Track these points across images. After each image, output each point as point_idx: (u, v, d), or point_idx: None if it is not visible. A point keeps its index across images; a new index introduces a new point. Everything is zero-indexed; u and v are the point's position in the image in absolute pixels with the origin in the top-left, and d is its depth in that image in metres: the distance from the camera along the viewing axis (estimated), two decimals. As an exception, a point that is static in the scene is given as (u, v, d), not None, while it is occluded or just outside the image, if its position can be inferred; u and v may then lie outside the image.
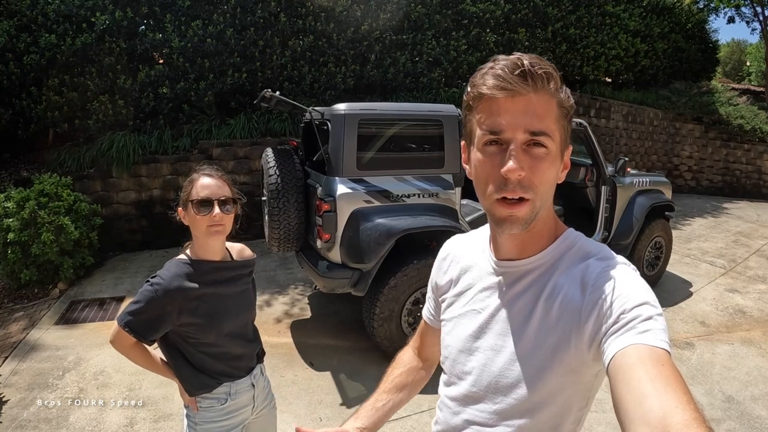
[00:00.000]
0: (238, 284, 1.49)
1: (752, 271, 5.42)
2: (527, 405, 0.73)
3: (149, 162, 5.82)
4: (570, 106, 0.71)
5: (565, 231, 0.77)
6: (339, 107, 3.07)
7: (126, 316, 1.32)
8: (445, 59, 7.41)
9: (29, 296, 4.54)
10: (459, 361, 0.84)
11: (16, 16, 5.35)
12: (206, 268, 1.40)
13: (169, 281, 1.32)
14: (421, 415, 2.75)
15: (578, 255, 0.73)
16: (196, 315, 1.35)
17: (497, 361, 0.77)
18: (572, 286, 0.70)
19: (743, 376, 3.22)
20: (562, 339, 0.69)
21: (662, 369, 0.55)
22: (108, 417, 2.74)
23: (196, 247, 1.42)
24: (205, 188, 1.36)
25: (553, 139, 0.69)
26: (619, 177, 4.31)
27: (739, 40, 31.28)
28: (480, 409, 0.79)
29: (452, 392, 0.86)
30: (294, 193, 3.16)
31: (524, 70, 0.66)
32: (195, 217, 1.35)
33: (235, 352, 1.46)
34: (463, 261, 0.90)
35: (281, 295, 4.44)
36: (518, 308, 0.76)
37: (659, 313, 0.62)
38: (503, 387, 0.75)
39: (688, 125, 10.42)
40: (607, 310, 0.64)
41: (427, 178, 3.22)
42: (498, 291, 0.80)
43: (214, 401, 1.44)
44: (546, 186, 0.70)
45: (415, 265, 3.04)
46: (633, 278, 0.67)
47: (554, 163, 0.70)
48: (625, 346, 0.59)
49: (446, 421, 0.87)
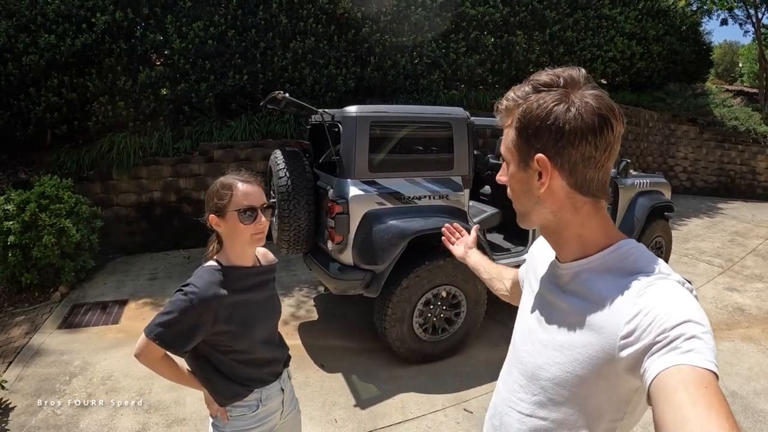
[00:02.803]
0: (266, 289, 1.48)
1: (749, 270, 5.50)
2: (560, 401, 0.77)
3: (149, 164, 5.77)
4: (516, 124, 0.78)
5: (621, 240, 0.78)
6: (350, 109, 3.07)
7: (156, 328, 1.26)
8: (445, 61, 7.44)
9: (30, 300, 4.48)
10: (518, 349, 0.90)
11: (15, 16, 5.28)
12: (238, 275, 1.37)
13: (205, 289, 1.28)
14: (436, 414, 2.76)
15: (630, 267, 0.74)
16: (231, 323, 1.32)
17: (542, 356, 0.81)
18: (616, 296, 0.70)
19: (745, 372, 3.28)
20: (596, 345, 0.71)
21: (705, 392, 0.54)
22: (119, 422, 2.71)
23: (230, 254, 1.38)
24: (248, 196, 1.33)
25: (508, 157, 0.82)
26: (620, 178, 4.36)
27: (732, 42, 31.62)
28: (521, 397, 0.85)
29: (506, 377, 0.93)
30: (304, 195, 3.15)
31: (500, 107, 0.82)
32: (238, 225, 1.31)
33: (267, 358, 1.45)
34: (541, 255, 0.95)
35: (287, 297, 4.42)
36: (565, 308, 0.80)
37: (705, 331, 0.61)
38: (542, 380, 0.80)
39: (683, 126, 10.55)
40: (648, 326, 0.63)
41: (437, 180, 3.23)
42: (553, 289, 0.85)
43: (246, 409, 1.41)
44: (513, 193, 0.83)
45: (426, 266, 3.05)
46: (679, 295, 0.66)
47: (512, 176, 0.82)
48: (668, 367, 0.58)
49: (495, 404, 0.94)
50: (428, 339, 3.24)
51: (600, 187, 0.76)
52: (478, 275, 1.35)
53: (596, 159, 0.74)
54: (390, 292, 3.04)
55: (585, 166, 0.74)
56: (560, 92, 0.73)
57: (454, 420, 2.71)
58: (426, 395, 2.94)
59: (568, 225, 0.79)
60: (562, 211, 0.77)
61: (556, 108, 0.72)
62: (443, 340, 3.29)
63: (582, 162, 0.73)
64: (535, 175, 0.76)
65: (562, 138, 0.72)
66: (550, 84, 0.74)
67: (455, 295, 3.25)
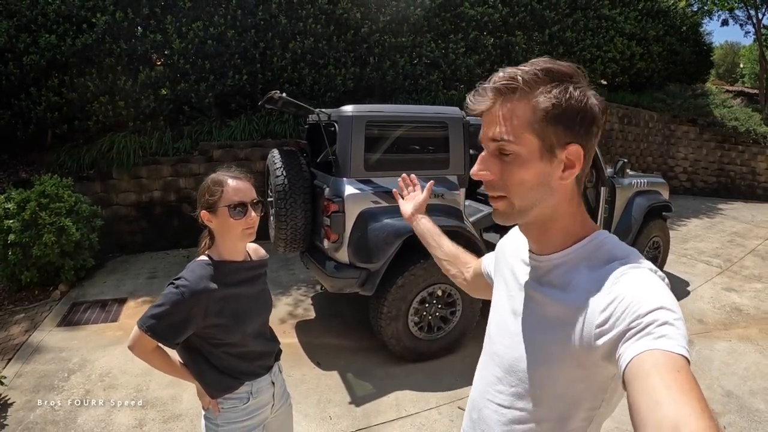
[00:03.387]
0: (257, 283, 1.51)
1: (748, 271, 5.50)
2: (538, 392, 0.78)
3: (149, 163, 5.80)
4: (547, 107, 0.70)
5: (595, 232, 0.79)
6: (347, 109, 3.09)
7: (149, 320, 1.30)
8: (444, 62, 7.46)
9: (30, 298, 4.51)
10: (493, 341, 0.91)
11: (15, 16, 5.32)
12: (229, 269, 1.40)
13: (196, 283, 1.31)
14: (430, 412, 2.78)
15: (605, 257, 0.74)
16: (222, 316, 1.35)
17: (519, 347, 0.82)
18: (592, 287, 0.71)
19: (741, 372, 3.29)
20: (573, 334, 0.72)
21: (678, 376, 0.55)
22: (116, 418, 2.73)
23: (222, 249, 1.41)
24: (238, 191, 1.36)
25: (519, 144, 0.72)
26: (618, 178, 4.37)
27: (733, 43, 31.63)
28: (499, 390, 0.85)
29: (482, 371, 0.93)
30: (301, 194, 3.18)
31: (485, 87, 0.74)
32: (229, 220, 1.35)
33: (258, 351, 1.47)
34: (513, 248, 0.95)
35: (284, 295, 4.44)
36: (541, 300, 0.80)
37: (677, 318, 0.61)
38: (519, 371, 0.81)
39: (683, 127, 10.54)
40: (622, 313, 0.64)
41: (432, 179, 3.24)
42: (528, 281, 0.85)
43: (237, 401, 1.44)
44: (521, 187, 0.74)
45: (422, 264, 3.06)
46: (652, 283, 0.67)
47: (525, 166, 0.73)
48: (641, 352, 0.59)
49: (472, 398, 0.95)
50: (424, 337, 3.26)
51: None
52: (427, 247, 1.25)
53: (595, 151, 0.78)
54: (385, 290, 3.06)
55: (590, 158, 0.76)
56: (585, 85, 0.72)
57: (448, 417, 2.73)
58: (421, 393, 2.96)
59: (560, 217, 0.78)
60: (562, 203, 0.77)
61: (591, 101, 0.72)
62: (439, 339, 3.31)
63: (593, 152, 0.76)
64: (560, 166, 0.73)
65: (593, 130, 0.73)
66: (572, 75, 0.72)
67: (450, 293, 3.27)
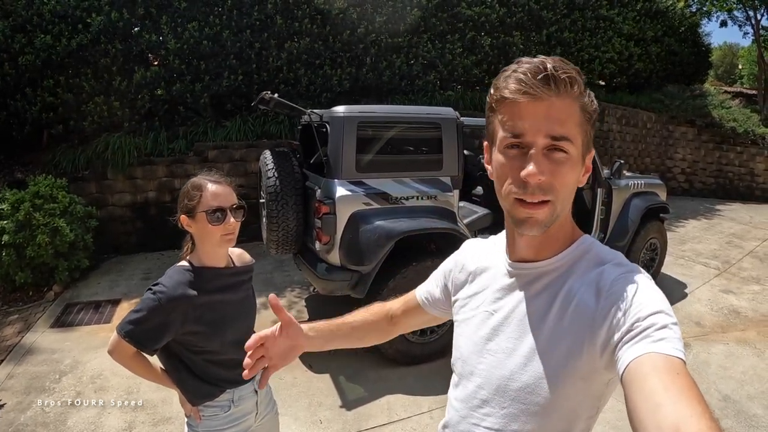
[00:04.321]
0: (240, 290, 1.48)
1: (746, 272, 5.47)
2: (534, 410, 0.72)
3: (144, 164, 5.79)
4: (593, 110, 0.71)
5: (582, 236, 0.78)
6: (338, 110, 3.08)
7: (127, 326, 1.28)
8: (441, 62, 7.44)
9: (24, 299, 4.50)
10: (469, 363, 0.83)
11: (11, 16, 5.30)
12: (210, 275, 1.37)
13: (173, 289, 1.29)
14: (421, 416, 2.76)
15: (594, 260, 0.74)
16: (200, 323, 1.33)
17: (508, 364, 0.76)
18: (587, 292, 0.70)
19: (739, 375, 3.26)
20: (575, 345, 0.69)
21: (677, 378, 0.55)
22: (106, 420, 2.72)
23: (202, 254, 1.39)
24: (217, 196, 1.33)
25: (575, 144, 0.69)
26: (614, 179, 4.35)
27: (731, 44, 31.67)
28: (486, 412, 0.78)
29: (460, 394, 0.86)
30: (293, 195, 3.16)
31: (547, 75, 0.67)
32: (207, 226, 1.32)
33: (238, 359, 1.43)
34: (480, 262, 0.89)
35: (278, 297, 4.42)
36: (532, 311, 0.75)
37: (674, 322, 0.62)
38: (512, 391, 0.75)
39: (681, 128, 10.52)
40: (622, 317, 0.64)
41: (425, 181, 3.23)
42: (512, 293, 0.79)
43: (218, 409, 1.42)
44: (566, 190, 0.70)
45: (414, 267, 3.05)
46: (648, 286, 0.67)
47: (575, 168, 0.70)
48: (640, 355, 0.59)
49: (453, 423, 0.87)
50: (416, 341, 3.24)
51: None
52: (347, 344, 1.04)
53: None
54: (377, 292, 3.03)
55: None
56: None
57: (439, 422, 2.71)
58: (413, 397, 2.94)
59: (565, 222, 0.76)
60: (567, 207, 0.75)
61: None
62: (431, 342, 3.29)
63: None
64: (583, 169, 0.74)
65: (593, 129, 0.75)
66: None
67: (444, 296, 3.24)
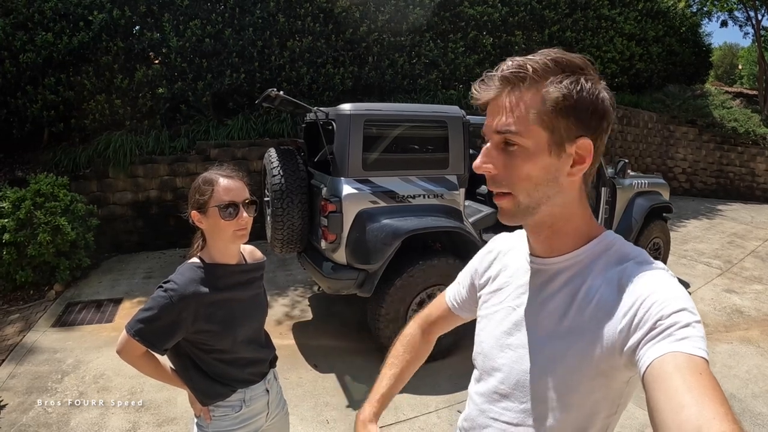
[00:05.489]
0: (251, 287, 1.44)
1: (748, 272, 5.48)
2: (553, 405, 0.72)
3: (146, 162, 5.76)
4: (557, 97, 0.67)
5: (603, 233, 0.76)
6: (344, 107, 3.05)
7: (136, 324, 1.24)
8: (443, 61, 7.44)
9: (25, 298, 4.47)
10: (490, 357, 0.84)
11: (12, 13, 5.27)
12: (221, 272, 1.34)
13: (185, 286, 1.25)
14: (429, 416, 2.74)
15: (615, 257, 0.72)
16: (212, 321, 1.30)
17: (528, 360, 0.76)
18: (608, 289, 0.69)
19: (743, 374, 3.26)
20: (595, 341, 0.68)
21: (700, 378, 0.54)
22: (110, 421, 2.69)
23: (213, 251, 1.35)
24: (229, 191, 1.29)
25: (526, 136, 0.68)
26: (618, 179, 4.34)
27: (731, 44, 31.73)
28: (506, 407, 0.79)
29: (481, 388, 0.86)
30: (298, 193, 3.14)
31: (492, 75, 0.71)
32: (219, 221, 1.28)
33: (250, 358, 1.42)
34: (505, 258, 0.90)
35: (281, 296, 4.40)
36: (552, 307, 0.75)
37: (697, 320, 0.61)
38: (531, 386, 0.75)
39: (682, 128, 10.53)
40: (644, 315, 0.62)
41: (431, 179, 3.21)
42: (533, 289, 0.79)
43: (228, 409, 1.39)
44: (528, 182, 0.70)
45: (420, 265, 3.03)
46: (671, 284, 0.66)
47: (531, 159, 0.69)
48: (663, 354, 0.57)
49: (472, 417, 0.88)
50: (422, 339, 3.21)
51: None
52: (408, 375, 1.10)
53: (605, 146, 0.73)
54: (384, 291, 3.02)
55: (599, 154, 0.72)
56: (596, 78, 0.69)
57: (447, 422, 2.69)
58: (419, 396, 2.92)
59: (572, 217, 0.74)
60: (572, 202, 0.73)
61: (603, 94, 0.69)
62: (437, 341, 3.27)
63: (602, 148, 0.72)
64: (569, 161, 0.70)
65: (604, 124, 0.70)
66: (583, 67, 0.69)
67: (450, 295, 3.23)
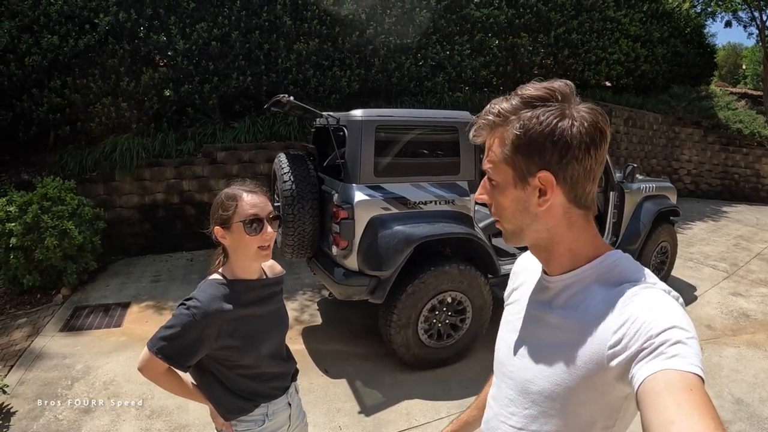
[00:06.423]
0: (272, 302, 1.44)
1: (754, 275, 5.46)
2: (552, 413, 0.77)
3: (153, 165, 5.75)
4: (513, 138, 0.74)
5: (606, 253, 0.79)
6: (356, 113, 3.04)
7: (159, 342, 1.24)
8: (449, 64, 7.42)
9: (32, 302, 4.46)
10: (503, 364, 0.90)
11: (18, 16, 5.26)
12: (243, 288, 1.33)
13: (208, 304, 1.25)
14: (441, 421, 2.73)
15: (617, 278, 0.75)
16: (235, 337, 1.29)
17: (531, 369, 0.81)
18: (604, 307, 0.71)
19: (751, 379, 3.26)
20: (585, 355, 0.72)
21: (690, 394, 0.55)
22: (122, 428, 2.68)
23: (235, 266, 1.34)
24: (254, 206, 1.28)
25: (497, 173, 0.77)
26: (627, 183, 4.33)
27: (735, 44, 31.65)
28: (512, 411, 0.85)
29: (494, 392, 0.93)
30: (309, 199, 3.13)
31: (478, 120, 0.78)
32: (243, 237, 1.27)
33: (273, 372, 1.42)
34: (524, 274, 0.95)
35: (290, 301, 4.39)
36: (552, 321, 0.80)
37: (690, 337, 0.61)
38: (532, 394, 0.80)
39: (687, 129, 10.51)
40: (634, 333, 0.64)
41: (443, 185, 3.20)
42: (539, 303, 0.85)
43: (251, 424, 1.39)
44: (505, 211, 0.79)
45: (432, 272, 3.02)
46: (664, 303, 0.67)
47: (503, 193, 0.77)
48: (654, 372, 0.59)
49: (487, 419, 0.94)
50: (433, 345, 3.21)
51: (592, 198, 0.78)
52: None
53: (594, 171, 0.75)
54: (395, 297, 3.01)
55: (585, 180, 0.75)
56: (559, 107, 0.73)
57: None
58: (431, 402, 2.91)
59: (561, 240, 0.79)
60: (558, 226, 0.77)
61: (561, 123, 0.71)
62: (448, 346, 3.27)
63: (583, 176, 0.74)
64: (535, 193, 0.75)
65: (567, 154, 0.72)
66: (546, 98, 0.73)
67: (461, 301, 3.22)
